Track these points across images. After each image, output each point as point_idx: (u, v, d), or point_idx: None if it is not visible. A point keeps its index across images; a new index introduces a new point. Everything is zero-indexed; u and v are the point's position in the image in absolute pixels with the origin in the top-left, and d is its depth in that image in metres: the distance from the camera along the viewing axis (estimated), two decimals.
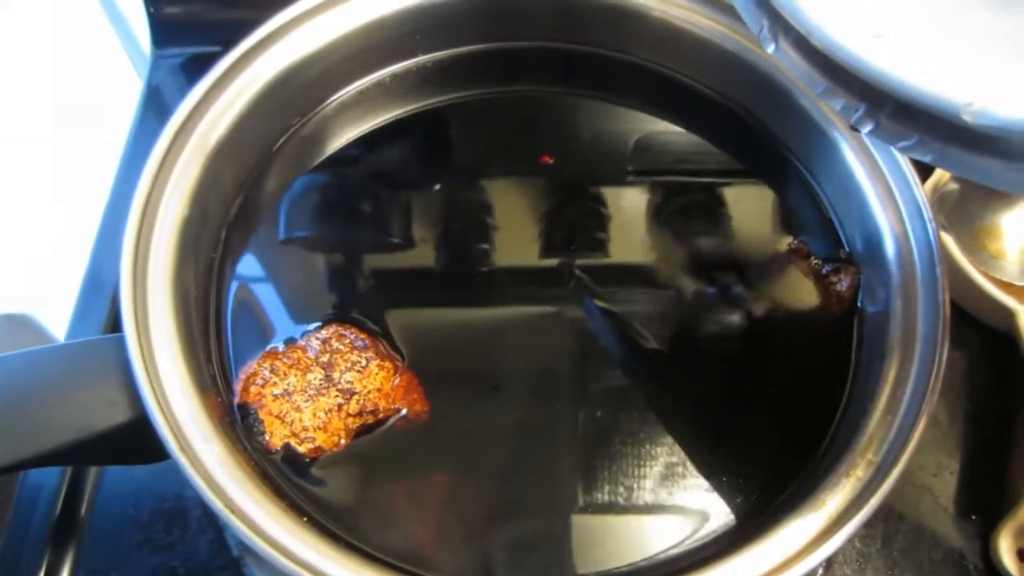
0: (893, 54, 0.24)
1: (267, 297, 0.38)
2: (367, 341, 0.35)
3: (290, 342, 0.36)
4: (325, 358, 0.35)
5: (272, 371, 0.34)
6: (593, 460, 0.34)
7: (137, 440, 0.32)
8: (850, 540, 0.29)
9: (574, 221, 0.41)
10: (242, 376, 0.35)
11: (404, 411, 0.35)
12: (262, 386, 0.34)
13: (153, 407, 0.30)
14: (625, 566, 0.32)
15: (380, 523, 0.33)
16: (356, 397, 0.34)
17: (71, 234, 0.65)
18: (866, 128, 0.26)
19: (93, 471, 0.48)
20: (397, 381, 0.35)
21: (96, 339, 0.34)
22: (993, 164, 0.24)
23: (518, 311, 0.38)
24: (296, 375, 0.34)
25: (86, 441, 0.31)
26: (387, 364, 0.35)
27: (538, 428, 0.35)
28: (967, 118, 0.22)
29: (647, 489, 0.34)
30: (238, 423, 0.34)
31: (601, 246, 0.40)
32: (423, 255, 0.40)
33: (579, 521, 0.33)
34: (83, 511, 0.47)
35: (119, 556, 0.45)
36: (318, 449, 0.33)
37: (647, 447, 0.35)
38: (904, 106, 0.24)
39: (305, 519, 0.30)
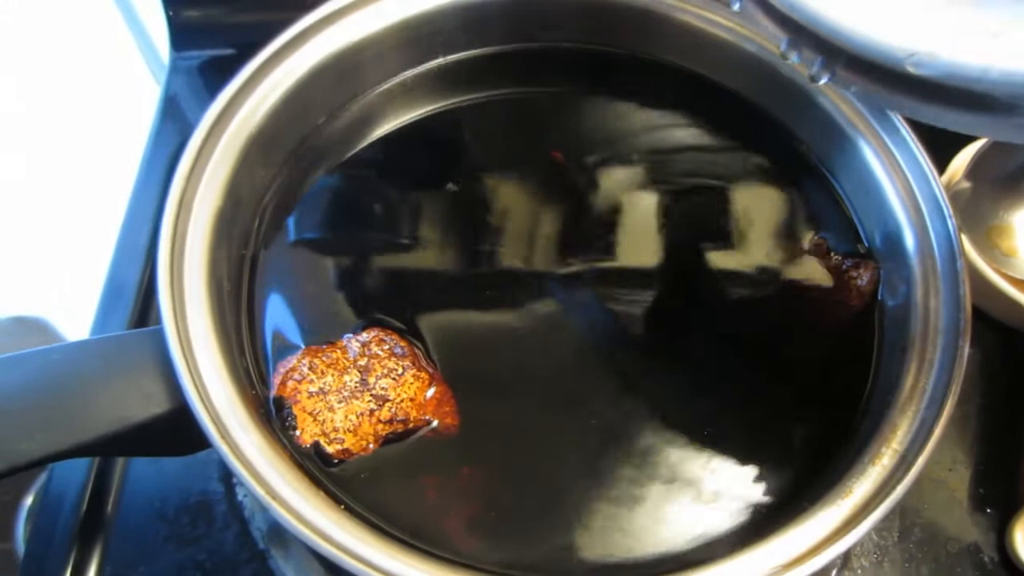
0: (844, 9, 0.26)
1: (297, 292, 0.38)
2: (406, 349, 0.36)
3: (331, 341, 0.36)
4: (363, 362, 0.35)
5: (311, 368, 0.35)
6: (622, 455, 0.35)
7: (173, 431, 0.32)
8: (875, 528, 0.29)
9: (601, 223, 0.41)
10: (281, 369, 0.35)
11: (435, 423, 0.35)
12: (299, 382, 0.34)
13: (194, 398, 0.30)
14: (654, 556, 0.32)
15: (410, 513, 0.33)
16: (389, 404, 0.35)
17: (88, 239, 0.65)
18: (823, 79, 0.28)
19: (119, 468, 0.49)
20: (432, 393, 0.35)
21: (134, 332, 0.35)
22: (942, 110, 0.26)
23: (557, 323, 0.38)
24: (333, 375, 0.35)
25: (124, 432, 0.31)
26: (422, 375, 0.35)
27: (568, 433, 0.36)
28: (911, 68, 0.24)
29: (677, 482, 0.34)
30: (272, 416, 0.34)
31: (625, 247, 0.40)
32: (454, 258, 0.40)
33: (606, 512, 0.34)
34: (109, 507, 0.48)
35: (146, 551, 0.46)
36: (346, 451, 0.34)
37: (677, 442, 0.35)
38: (855, 58, 0.26)
39: (342, 507, 0.31)
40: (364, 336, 0.36)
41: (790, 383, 0.37)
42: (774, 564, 0.29)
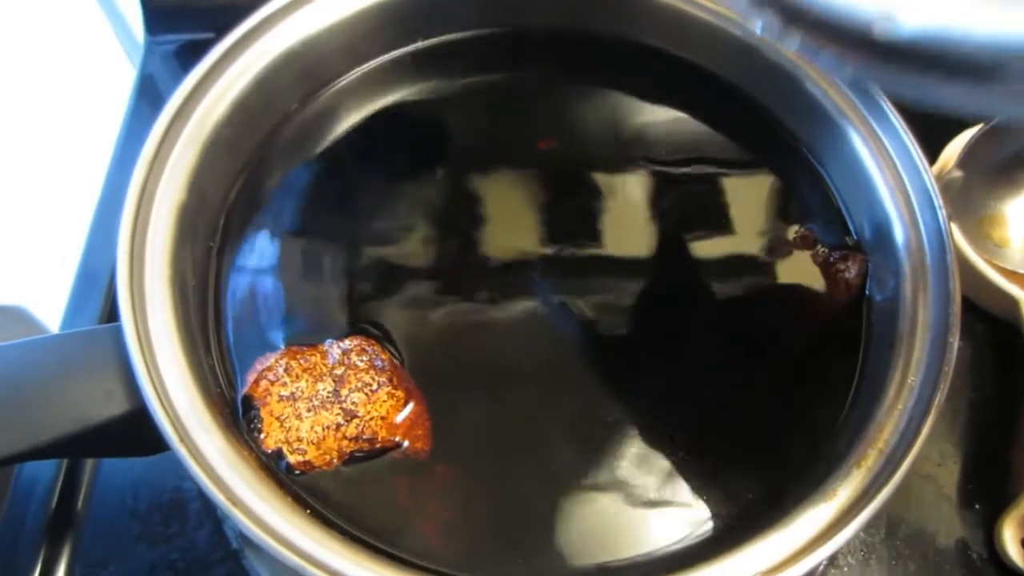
0: None
1: (266, 288, 0.37)
2: (386, 363, 0.34)
3: (312, 344, 0.34)
4: (340, 371, 0.34)
5: (286, 370, 0.33)
6: (599, 455, 0.34)
7: (135, 432, 0.31)
8: (863, 527, 0.28)
9: (582, 213, 0.40)
10: (258, 367, 0.34)
11: (405, 444, 0.33)
12: (272, 383, 0.33)
13: (152, 398, 0.29)
14: (640, 556, 0.31)
15: (382, 517, 0.32)
16: (357, 421, 0.33)
17: (63, 224, 0.64)
18: (791, 45, 0.26)
19: (90, 463, 0.47)
20: (406, 413, 0.34)
21: (92, 329, 0.33)
22: (914, 78, 0.24)
23: (548, 345, 0.37)
24: (307, 380, 0.33)
25: (83, 433, 0.30)
26: (398, 393, 0.34)
27: (549, 472, 0.34)
28: (876, 33, 0.22)
29: (655, 483, 0.33)
30: (239, 416, 0.33)
31: (608, 237, 0.39)
32: (439, 257, 0.38)
33: (583, 514, 0.33)
34: (80, 504, 0.47)
35: (117, 549, 0.45)
36: (308, 463, 0.32)
37: (655, 440, 0.34)
38: (821, 23, 0.24)
39: (308, 511, 0.30)
40: (346, 343, 0.34)
41: (774, 379, 0.36)
42: (756, 569, 0.28)
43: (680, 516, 0.33)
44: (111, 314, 0.53)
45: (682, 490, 0.33)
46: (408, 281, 0.37)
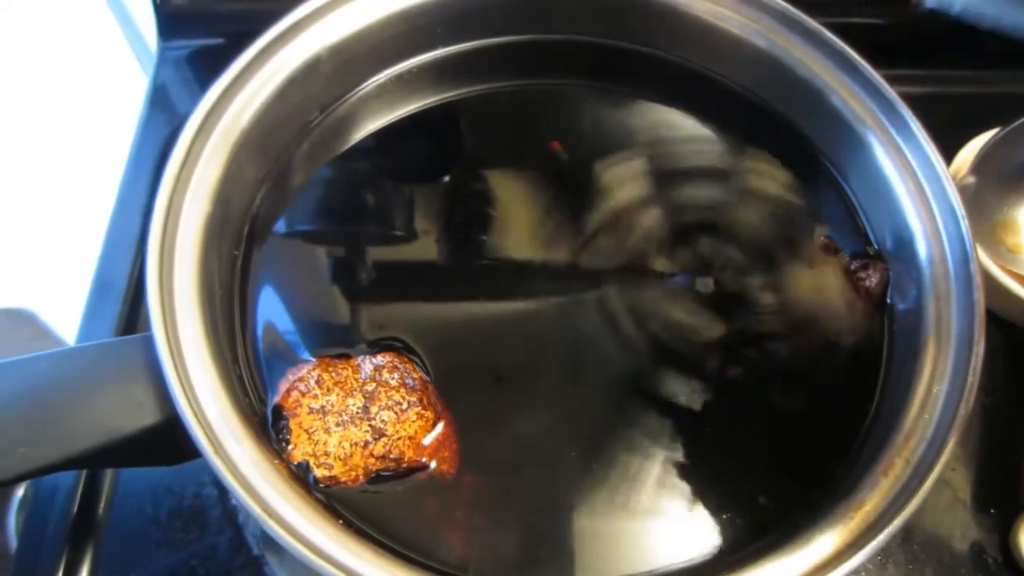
0: None
1: (291, 297, 0.37)
2: (417, 382, 0.34)
3: (344, 356, 0.34)
4: (371, 387, 0.34)
5: (318, 382, 0.33)
6: (624, 477, 0.34)
7: (165, 442, 0.31)
8: (894, 535, 0.29)
9: (609, 224, 0.40)
10: (290, 377, 0.34)
11: (432, 466, 0.33)
12: (303, 394, 0.33)
13: (185, 408, 0.29)
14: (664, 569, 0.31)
15: (408, 532, 0.32)
16: (384, 440, 0.33)
17: (76, 230, 0.64)
18: None
19: (111, 470, 0.48)
20: (434, 435, 0.34)
21: (122, 339, 0.34)
22: None
23: (582, 369, 0.37)
24: (338, 394, 0.33)
25: (115, 444, 0.30)
26: (427, 413, 0.34)
27: (576, 499, 0.34)
28: None
29: (677, 498, 0.33)
30: (269, 425, 0.33)
31: (634, 246, 0.39)
32: (468, 268, 0.39)
33: (596, 529, 0.33)
34: (101, 511, 0.47)
35: (138, 556, 0.45)
36: (333, 479, 0.32)
37: (678, 451, 0.34)
38: None
39: (340, 521, 0.30)
40: (379, 359, 0.34)
41: (796, 388, 0.36)
42: None
43: (705, 528, 0.33)
44: (128, 319, 0.53)
45: (708, 503, 0.33)
46: (437, 293, 0.38)
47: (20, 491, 0.60)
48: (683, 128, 0.42)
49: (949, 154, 0.53)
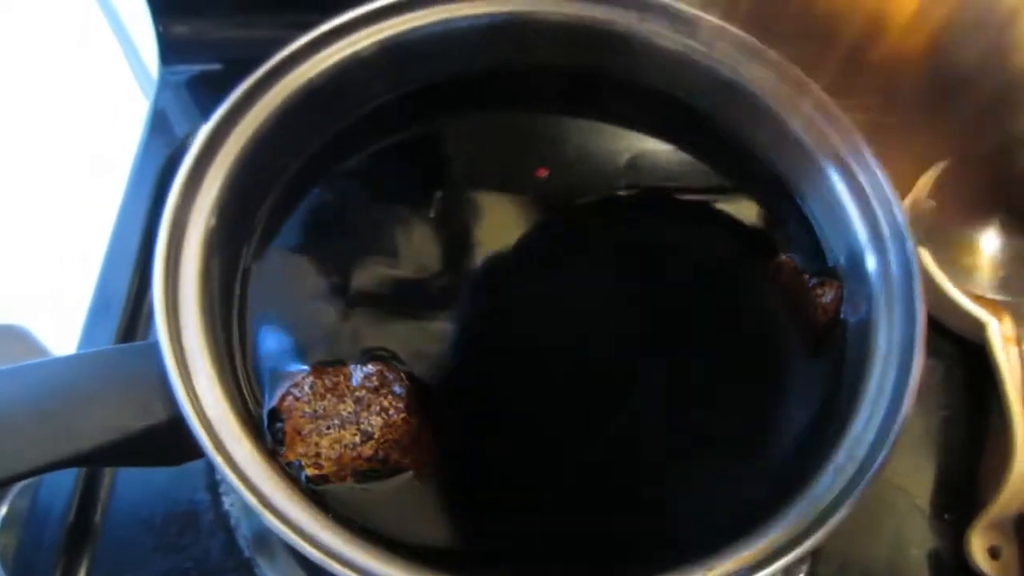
0: None
1: (289, 309, 0.39)
2: (404, 390, 0.36)
3: (337, 364, 0.37)
4: (361, 393, 0.36)
5: (311, 388, 0.36)
6: (590, 474, 0.37)
7: (169, 441, 0.34)
8: (837, 528, 0.31)
9: (581, 246, 0.43)
10: (285, 383, 0.36)
11: (415, 466, 0.36)
12: (297, 399, 0.35)
13: (188, 409, 0.31)
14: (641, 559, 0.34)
15: (391, 521, 0.34)
16: (372, 443, 0.35)
17: (72, 250, 0.66)
18: None
19: (107, 477, 0.49)
20: (419, 439, 0.36)
21: (128, 346, 0.36)
22: None
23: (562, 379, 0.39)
24: (330, 400, 0.36)
25: (122, 442, 0.32)
26: (412, 420, 0.36)
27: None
28: None
29: (635, 506, 0.36)
30: (264, 428, 0.35)
31: (607, 263, 0.42)
32: (459, 289, 0.41)
33: (572, 528, 0.36)
34: (98, 517, 0.48)
35: (133, 560, 0.47)
36: (323, 478, 0.34)
37: (646, 457, 0.37)
38: None
39: (330, 515, 0.32)
40: (369, 368, 0.37)
41: (751, 400, 0.39)
42: (741, 563, 0.31)
43: (671, 525, 0.35)
44: (126, 334, 0.55)
45: (671, 502, 0.36)
46: (427, 308, 0.40)
47: (3, 509, 0.61)
48: (652, 153, 0.45)
49: (910, 179, 0.56)
